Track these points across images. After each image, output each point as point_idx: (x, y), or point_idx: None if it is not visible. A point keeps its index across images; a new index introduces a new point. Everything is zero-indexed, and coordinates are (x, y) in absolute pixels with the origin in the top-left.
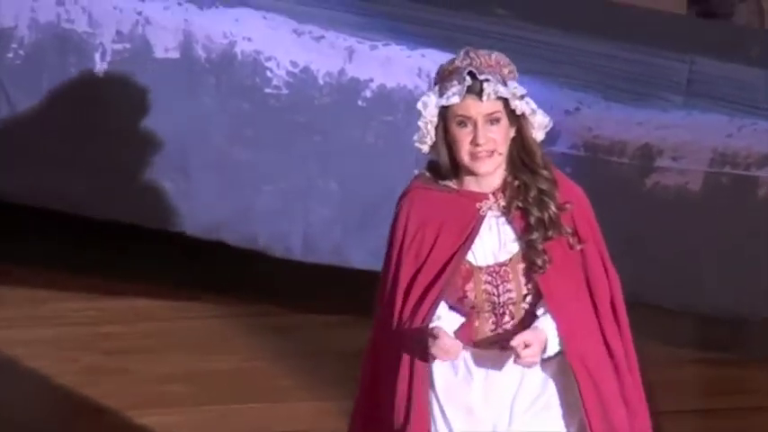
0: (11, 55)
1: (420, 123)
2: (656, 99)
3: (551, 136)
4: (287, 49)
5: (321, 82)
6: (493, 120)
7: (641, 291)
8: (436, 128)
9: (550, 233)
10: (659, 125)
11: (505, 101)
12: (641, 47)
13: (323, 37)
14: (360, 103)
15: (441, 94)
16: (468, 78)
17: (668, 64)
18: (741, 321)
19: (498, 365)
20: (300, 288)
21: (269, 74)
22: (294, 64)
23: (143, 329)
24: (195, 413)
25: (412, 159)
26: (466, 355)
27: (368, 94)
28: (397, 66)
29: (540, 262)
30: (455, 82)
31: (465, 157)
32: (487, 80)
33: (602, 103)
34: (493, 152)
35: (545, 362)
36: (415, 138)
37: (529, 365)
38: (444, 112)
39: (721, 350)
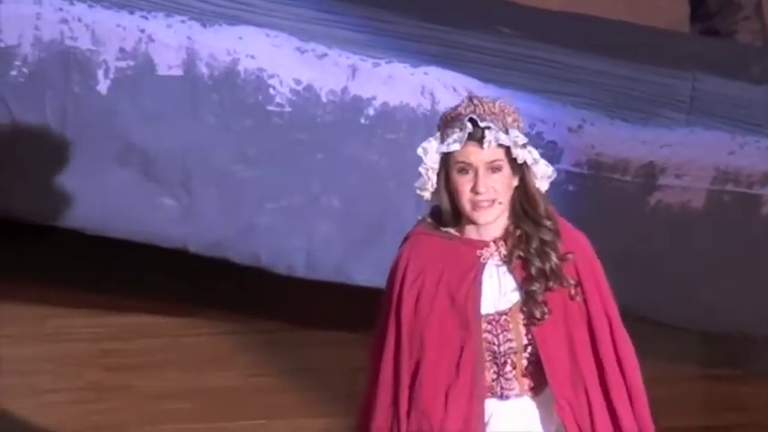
0: (14, 72)
1: (421, 169)
2: (658, 117)
3: (555, 153)
4: (290, 67)
5: (324, 99)
6: (494, 168)
7: (644, 308)
8: (438, 174)
9: (551, 284)
10: (662, 143)
11: (508, 149)
12: (644, 65)
13: (326, 55)
14: (363, 120)
15: (442, 141)
16: (469, 125)
17: (671, 82)
18: (745, 338)
19: (498, 413)
20: (304, 304)
21: (272, 91)
22: (297, 81)
23: (146, 346)
24: (198, 430)
25: (414, 178)
26: None
27: (371, 111)
28: (400, 83)
29: (538, 313)
30: (456, 129)
31: (466, 205)
32: (489, 127)
33: (606, 121)
34: (494, 201)
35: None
36: (417, 184)
37: None
38: (446, 159)
39: (726, 367)
